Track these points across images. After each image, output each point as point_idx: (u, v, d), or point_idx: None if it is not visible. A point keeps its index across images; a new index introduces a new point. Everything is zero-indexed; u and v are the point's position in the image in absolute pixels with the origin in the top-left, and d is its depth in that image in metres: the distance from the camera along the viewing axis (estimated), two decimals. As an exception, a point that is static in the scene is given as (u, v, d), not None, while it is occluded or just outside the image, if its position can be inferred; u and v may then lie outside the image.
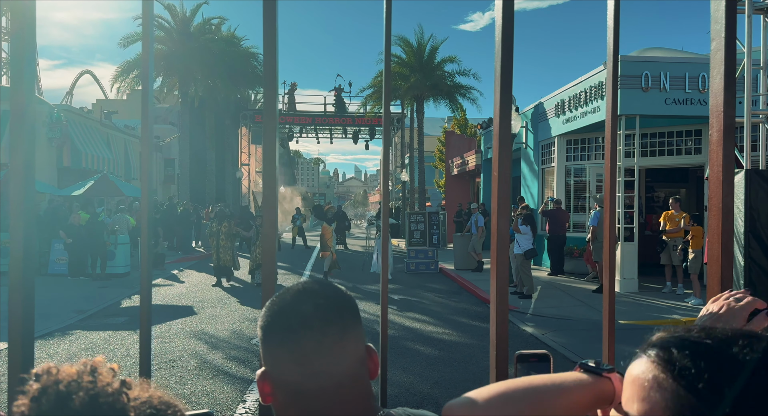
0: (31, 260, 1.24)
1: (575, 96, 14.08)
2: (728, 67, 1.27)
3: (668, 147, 13.45)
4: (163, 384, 6.19)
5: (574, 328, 9.05)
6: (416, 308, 10.77)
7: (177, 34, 27.02)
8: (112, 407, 0.68)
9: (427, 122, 37.11)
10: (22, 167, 1.23)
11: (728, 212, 1.27)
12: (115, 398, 0.69)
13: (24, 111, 1.24)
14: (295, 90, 32.23)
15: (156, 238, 15.88)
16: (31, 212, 1.26)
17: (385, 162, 1.82)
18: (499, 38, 1.34)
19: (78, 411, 0.67)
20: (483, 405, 0.88)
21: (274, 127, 1.40)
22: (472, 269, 15.70)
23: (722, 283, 1.29)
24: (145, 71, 1.46)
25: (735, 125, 1.28)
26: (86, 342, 8.07)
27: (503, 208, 1.33)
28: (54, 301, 11.01)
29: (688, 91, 12.00)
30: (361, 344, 0.97)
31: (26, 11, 1.26)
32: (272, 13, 1.39)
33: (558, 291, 12.28)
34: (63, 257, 14.59)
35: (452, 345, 8.04)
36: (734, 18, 1.28)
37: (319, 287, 0.99)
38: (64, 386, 0.68)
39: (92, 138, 23.85)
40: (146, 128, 1.47)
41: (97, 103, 47.86)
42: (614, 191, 1.54)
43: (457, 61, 27.86)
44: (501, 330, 1.31)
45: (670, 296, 11.36)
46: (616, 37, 1.53)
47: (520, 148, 17.95)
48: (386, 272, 1.63)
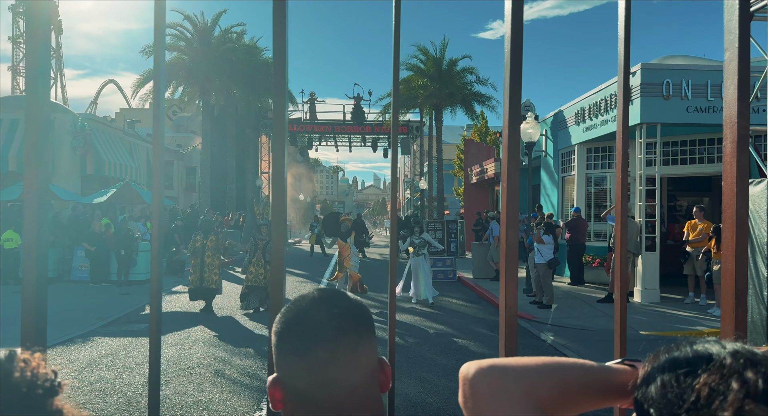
0: (43, 269, 1.26)
1: (595, 104, 13.97)
2: (742, 78, 1.25)
3: (690, 155, 13.27)
4: (181, 391, 6.24)
5: (594, 338, 8.93)
6: (434, 317, 10.72)
7: (198, 43, 27.39)
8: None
9: (446, 130, 37.10)
10: (35, 173, 1.24)
11: (742, 224, 1.25)
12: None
13: (38, 118, 1.26)
14: (315, 99, 32.46)
15: (176, 245, 16.06)
16: (44, 220, 1.27)
17: (393, 171, 1.81)
18: (509, 52, 1.34)
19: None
20: (502, 369, 0.86)
21: (284, 139, 1.41)
22: (491, 278, 15.61)
23: (737, 296, 1.26)
24: (157, 77, 1.47)
25: (749, 136, 1.26)
26: (106, 348, 8.16)
27: (512, 220, 1.32)
28: (76, 307, 11.16)
29: (711, 98, 11.84)
30: (374, 355, 0.97)
31: (42, 17, 1.28)
32: (282, 20, 1.40)
33: (578, 301, 12.14)
34: (85, 264, 14.82)
35: (470, 356, 7.98)
36: (748, 28, 1.26)
37: (335, 295, 0.99)
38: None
39: (115, 147, 24.21)
40: (158, 134, 1.48)
41: (120, 112, 48.67)
42: (626, 202, 1.52)
43: (475, 71, 27.87)
44: (510, 343, 1.30)
45: (693, 307, 11.17)
46: (627, 55, 1.52)
47: (539, 156, 17.85)
48: (394, 282, 1.62)
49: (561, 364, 0.88)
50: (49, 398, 0.73)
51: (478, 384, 0.85)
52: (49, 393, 0.73)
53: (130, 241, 14.82)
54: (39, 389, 0.72)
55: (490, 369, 0.86)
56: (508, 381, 0.84)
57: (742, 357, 0.68)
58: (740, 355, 0.69)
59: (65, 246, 15.25)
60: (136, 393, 6.18)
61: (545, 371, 0.86)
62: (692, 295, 11.74)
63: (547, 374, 0.86)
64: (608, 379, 0.88)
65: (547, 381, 0.85)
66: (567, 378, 0.86)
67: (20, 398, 0.70)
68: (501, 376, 0.85)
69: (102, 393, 6.17)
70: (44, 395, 0.72)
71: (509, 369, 0.86)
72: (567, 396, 0.85)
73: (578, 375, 0.87)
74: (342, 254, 12.07)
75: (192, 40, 27.56)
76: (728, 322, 1.28)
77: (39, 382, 0.72)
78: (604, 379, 0.88)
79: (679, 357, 0.72)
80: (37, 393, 0.72)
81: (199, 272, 10.88)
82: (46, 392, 0.72)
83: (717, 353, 0.70)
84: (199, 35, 27.65)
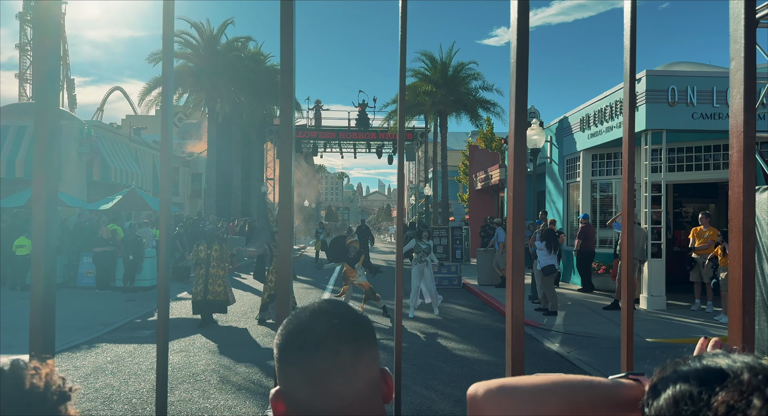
0: (52, 276, 1.27)
1: (600, 110, 13.96)
2: (748, 87, 1.25)
3: (696, 162, 13.24)
4: (186, 398, 6.24)
5: (599, 346, 8.89)
6: (439, 324, 10.70)
7: (204, 51, 27.54)
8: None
9: (451, 137, 37.09)
10: (44, 179, 1.25)
11: (749, 233, 1.24)
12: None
13: (47, 125, 1.26)
14: (320, 106, 32.59)
15: (181, 251, 16.07)
16: (53, 227, 1.28)
17: (399, 177, 1.82)
18: (514, 59, 1.34)
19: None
20: (511, 390, 0.86)
21: (290, 146, 1.42)
22: (496, 285, 15.57)
23: (744, 305, 1.26)
24: (165, 85, 1.49)
25: (756, 145, 1.26)
26: (112, 354, 8.17)
27: (518, 228, 1.32)
28: (81, 314, 11.18)
29: (716, 105, 11.82)
30: (375, 366, 0.97)
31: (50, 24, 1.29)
32: (289, 25, 1.41)
33: (584, 308, 12.09)
34: (91, 271, 14.85)
35: (475, 363, 7.96)
36: (754, 38, 1.27)
37: (335, 307, 0.99)
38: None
39: (121, 153, 24.32)
40: (165, 141, 1.49)
41: (126, 118, 48.90)
42: (632, 209, 1.51)
43: (481, 77, 27.93)
44: (516, 352, 1.30)
45: (699, 314, 11.11)
46: (633, 61, 1.52)
47: (544, 162, 17.83)
48: (400, 289, 1.62)
49: (570, 383, 0.88)
50: (61, 404, 0.73)
51: (488, 405, 0.85)
52: (62, 400, 0.74)
53: (138, 247, 14.87)
54: (53, 395, 0.73)
55: (499, 389, 0.86)
56: (517, 402, 0.84)
57: (759, 372, 0.68)
58: (757, 371, 0.68)
59: (71, 252, 15.30)
60: (141, 400, 6.18)
61: (554, 390, 0.86)
62: (698, 302, 11.68)
63: (557, 393, 0.85)
64: (616, 396, 0.88)
65: (556, 400, 0.85)
66: (576, 396, 0.86)
67: (33, 405, 0.71)
68: (510, 397, 0.85)
69: (107, 400, 6.17)
70: (57, 402, 0.73)
71: (518, 389, 0.86)
72: (576, 415, 0.85)
73: (587, 394, 0.87)
74: (349, 277, 11.09)
75: (198, 47, 27.72)
76: (735, 331, 1.28)
77: (52, 389, 0.73)
78: (612, 396, 0.88)
79: (688, 372, 0.72)
80: (51, 399, 0.73)
81: (203, 284, 10.32)
82: (59, 398, 0.73)
83: (729, 368, 0.69)
84: (205, 43, 27.81)
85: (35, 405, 0.71)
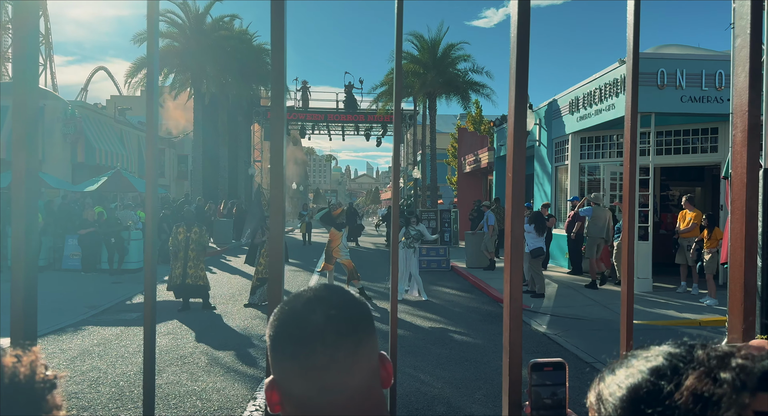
0: (33, 258, 1.22)
1: (590, 93, 13.94)
2: (754, 65, 1.21)
3: (684, 145, 13.29)
4: (174, 381, 6.22)
5: (587, 328, 8.97)
6: (427, 307, 10.73)
7: (190, 30, 27.10)
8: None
9: (440, 119, 36.97)
10: (23, 162, 1.20)
11: (752, 215, 1.22)
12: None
13: (26, 105, 1.21)
14: (308, 87, 32.26)
15: (168, 233, 15.95)
16: (33, 209, 1.23)
17: (395, 158, 1.78)
18: (515, 36, 1.30)
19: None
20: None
21: (282, 129, 1.37)
22: (484, 268, 15.64)
23: (745, 289, 1.23)
24: (150, 65, 1.43)
25: (761, 125, 1.23)
26: (98, 337, 8.11)
27: (518, 210, 1.28)
28: (67, 296, 11.09)
29: (705, 88, 11.84)
30: (374, 354, 0.92)
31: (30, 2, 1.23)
32: (280, 11, 1.36)
33: (571, 290, 12.18)
34: (76, 253, 14.71)
35: (463, 345, 7.99)
36: (761, 14, 1.23)
37: (331, 294, 0.93)
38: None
39: (106, 134, 24.02)
40: (151, 121, 1.44)
41: (111, 99, 48.21)
42: (633, 191, 1.48)
43: (471, 59, 27.74)
44: (515, 337, 1.27)
45: (685, 296, 11.23)
46: (636, 36, 1.48)
47: (533, 145, 17.83)
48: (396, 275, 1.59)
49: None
50: (48, 393, 0.70)
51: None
52: (49, 388, 0.70)
53: (118, 229, 14.72)
54: (39, 384, 0.69)
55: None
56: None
57: (711, 357, 0.66)
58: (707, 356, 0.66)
59: (56, 234, 15.13)
60: (128, 383, 6.15)
61: None
62: (684, 285, 11.81)
63: None
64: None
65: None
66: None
67: (19, 395, 0.68)
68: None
69: (94, 383, 6.13)
70: (44, 390, 0.70)
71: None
72: None
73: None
74: (332, 244, 11.28)
75: (184, 26, 27.26)
76: (736, 315, 1.26)
77: (37, 378, 0.70)
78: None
79: (639, 384, 0.67)
80: (38, 387, 0.69)
81: (182, 267, 9.97)
82: (46, 387, 0.70)
83: (666, 363, 0.67)
84: (191, 22, 27.35)
85: (21, 395, 0.67)
